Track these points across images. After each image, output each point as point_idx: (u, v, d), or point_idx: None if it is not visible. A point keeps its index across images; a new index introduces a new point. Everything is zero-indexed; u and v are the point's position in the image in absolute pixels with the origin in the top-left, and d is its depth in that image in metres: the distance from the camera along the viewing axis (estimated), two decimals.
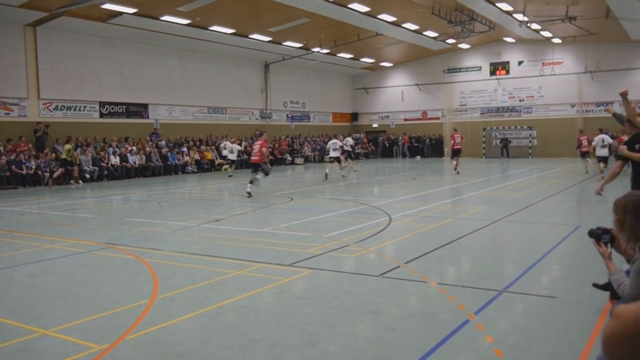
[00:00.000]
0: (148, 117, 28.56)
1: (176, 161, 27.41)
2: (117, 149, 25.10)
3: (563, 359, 4.34)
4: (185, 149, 28.32)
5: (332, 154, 23.06)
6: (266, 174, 16.75)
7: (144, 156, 25.96)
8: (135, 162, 25.40)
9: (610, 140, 21.72)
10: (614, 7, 24.94)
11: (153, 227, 11.12)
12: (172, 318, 5.45)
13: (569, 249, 8.55)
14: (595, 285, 5.84)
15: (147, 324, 5.28)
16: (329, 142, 24.03)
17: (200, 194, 18.29)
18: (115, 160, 24.74)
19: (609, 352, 1.03)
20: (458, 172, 23.44)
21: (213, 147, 29.90)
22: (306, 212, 12.69)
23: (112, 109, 26.84)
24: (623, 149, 6.76)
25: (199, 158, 28.73)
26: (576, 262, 7.55)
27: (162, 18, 24.71)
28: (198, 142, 29.67)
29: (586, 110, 35.40)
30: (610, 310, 4.03)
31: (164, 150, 27.06)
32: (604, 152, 21.15)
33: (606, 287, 5.60)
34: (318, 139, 38.12)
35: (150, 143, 27.19)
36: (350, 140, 26.75)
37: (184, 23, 25.67)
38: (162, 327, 5.21)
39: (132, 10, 23.17)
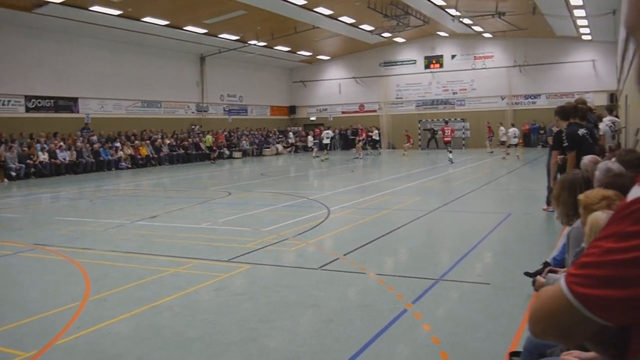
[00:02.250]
0: (78, 112, 27.51)
1: (109, 157, 26.56)
2: (45, 145, 24.06)
3: (497, 343, 4.47)
4: (118, 144, 27.48)
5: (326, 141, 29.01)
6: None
7: (74, 152, 25.00)
8: (65, 159, 24.44)
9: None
10: (540, 3, 25.91)
11: (84, 226, 10.73)
12: (105, 320, 5.27)
13: (501, 236, 8.84)
14: (526, 273, 6.04)
15: (78, 328, 5.08)
16: (324, 132, 30.12)
17: (135, 191, 17.81)
18: (43, 156, 23.71)
19: (532, 329, 1.12)
20: (452, 162, 24.73)
21: (148, 142, 29.16)
22: (244, 207, 12.58)
23: (40, 103, 25.69)
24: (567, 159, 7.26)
25: (133, 153, 27.95)
26: (507, 249, 7.81)
27: (91, 8, 23.80)
28: (132, 137, 28.86)
29: (515, 103, 36.71)
30: None
31: (95, 146, 26.16)
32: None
33: (536, 274, 5.80)
34: (256, 133, 37.86)
35: (81, 138, 26.21)
36: (329, 133, 30.50)
37: (115, 14, 24.83)
38: (95, 329, 5.02)
39: (59, 0, 22.21)
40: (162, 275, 6.81)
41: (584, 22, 27.99)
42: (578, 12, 25.88)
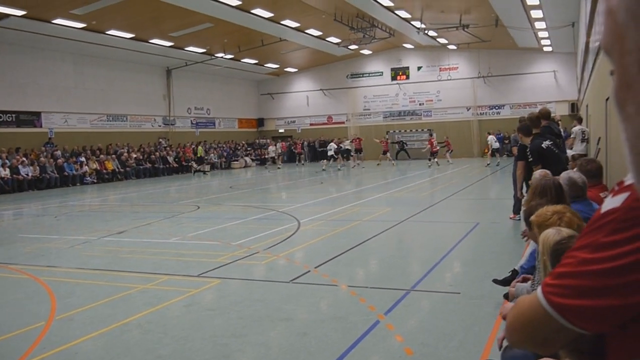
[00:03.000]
0: (41, 126, 26.96)
1: (74, 172, 26.05)
2: (7, 161, 23.47)
3: (470, 351, 4.51)
4: (83, 159, 26.99)
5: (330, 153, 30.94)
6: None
7: (37, 167, 24.45)
8: (28, 174, 23.87)
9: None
10: (502, 16, 26.52)
11: (49, 242, 10.48)
12: (72, 339, 5.13)
13: (470, 245, 8.94)
14: (494, 280, 6.13)
15: (44, 348, 4.94)
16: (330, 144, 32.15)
17: (101, 206, 17.49)
18: (5, 172, 23.12)
19: (510, 338, 1.14)
20: (438, 164, 27.41)
21: (114, 156, 28.71)
22: (214, 220, 12.47)
23: (1, 117, 25.10)
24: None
25: (98, 168, 27.48)
26: (477, 258, 7.90)
27: (54, 21, 23.42)
28: (97, 151, 28.38)
29: (480, 113, 37.36)
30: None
31: (59, 161, 25.63)
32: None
33: (504, 282, 5.89)
34: (224, 146, 37.65)
35: (44, 153, 25.67)
36: (333, 145, 31.82)
37: (79, 27, 24.49)
38: (62, 349, 4.89)
39: (20, 13, 21.80)
40: (131, 292, 6.69)
41: (545, 34, 28.76)
42: (539, 25, 26.59)
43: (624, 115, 0.56)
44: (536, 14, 24.34)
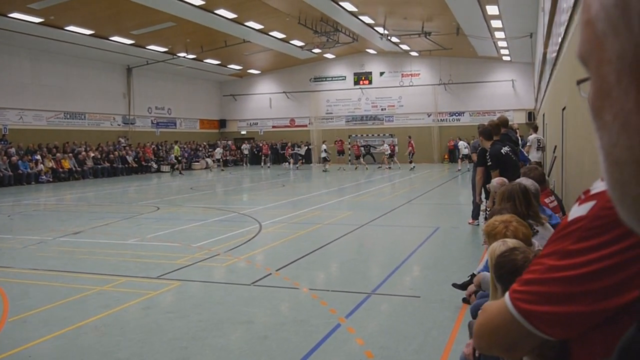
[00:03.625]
0: None
1: (28, 170, 25.31)
2: None
3: (429, 355, 4.56)
4: (38, 157, 26.25)
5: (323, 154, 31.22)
6: None
7: None
8: None
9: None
10: (463, 25, 27.02)
11: (2, 243, 10.15)
12: (25, 342, 4.98)
13: (429, 250, 9.06)
14: (454, 285, 6.22)
15: None
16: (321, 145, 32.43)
17: (57, 205, 17.05)
18: None
19: (477, 344, 1.16)
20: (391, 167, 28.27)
21: (71, 154, 28.02)
22: (174, 222, 12.31)
23: None
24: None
25: (54, 166, 26.77)
26: (437, 262, 8.01)
27: (10, 15, 22.74)
28: (54, 150, 27.65)
29: (441, 120, 37.93)
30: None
31: (14, 159, 24.86)
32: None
33: (463, 286, 5.99)
34: (185, 146, 37.18)
35: None
36: (324, 147, 32.01)
37: (36, 21, 23.83)
38: (14, 353, 4.74)
39: None
40: (88, 294, 6.54)
41: (504, 43, 29.44)
42: (498, 34, 27.21)
43: (600, 124, 0.57)
44: (496, 24, 24.89)
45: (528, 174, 5.43)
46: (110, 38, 27.93)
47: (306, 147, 36.93)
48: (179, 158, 32.74)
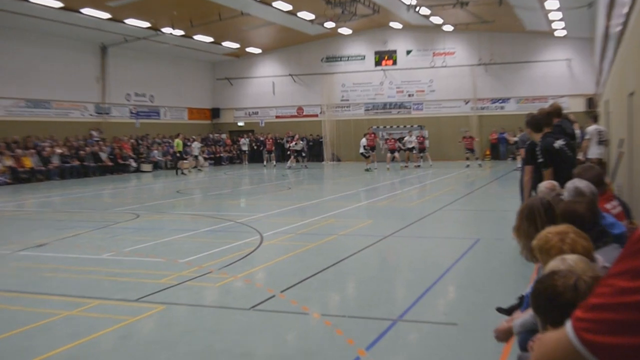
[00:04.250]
0: None
1: None
2: None
3: None
4: None
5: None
6: None
7: None
8: None
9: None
10: None
11: None
12: None
13: (468, 266, 9.00)
14: (499, 309, 6.15)
15: None
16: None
17: (17, 212, 17.16)
18: None
19: None
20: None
21: (33, 151, 28.23)
22: (157, 232, 12.33)
23: None
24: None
25: (14, 165, 26.98)
26: (477, 282, 7.95)
27: None
28: (13, 145, 27.87)
29: (481, 107, 37.83)
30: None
31: None
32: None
33: (510, 310, 5.92)
34: (170, 141, 37.35)
35: None
36: (364, 141, 31.87)
37: None
38: None
39: None
40: (54, 320, 6.56)
41: (557, 15, 29.20)
42: (550, 4, 26.99)
43: None
44: None
45: (583, 174, 5.33)
46: (82, 11, 28.08)
47: (303, 142, 36.74)
48: (184, 154, 32.56)
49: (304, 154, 36.16)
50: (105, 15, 29.15)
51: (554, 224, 3.91)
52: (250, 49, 40.75)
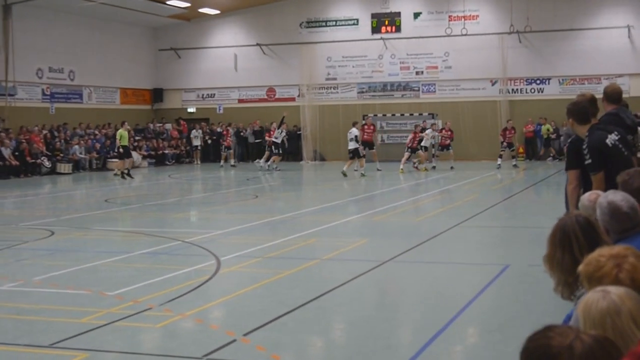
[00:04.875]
0: None
1: None
2: None
3: None
4: None
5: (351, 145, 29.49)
6: None
7: None
8: None
9: None
10: None
11: None
12: None
13: (493, 302, 9.03)
14: None
15: None
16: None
17: None
18: None
19: None
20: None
21: None
22: (79, 255, 12.28)
23: None
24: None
25: None
26: (504, 323, 7.98)
27: None
28: None
29: (513, 90, 37.90)
30: None
31: None
32: None
33: None
34: (97, 133, 37.15)
35: None
36: (355, 132, 30.64)
37: None
38: None
39: None
40: None
41: None
42: None
43: None
44: None
45: (629, 182, 5.22)
46: None
47: (283, 132, 36.04)
48: (128, 148, 31.38)
49: (280, 150, 35.05)
50: None
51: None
52: (204, 10, 40.62)
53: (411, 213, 18.03)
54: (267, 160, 33.45)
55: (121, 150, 30.60)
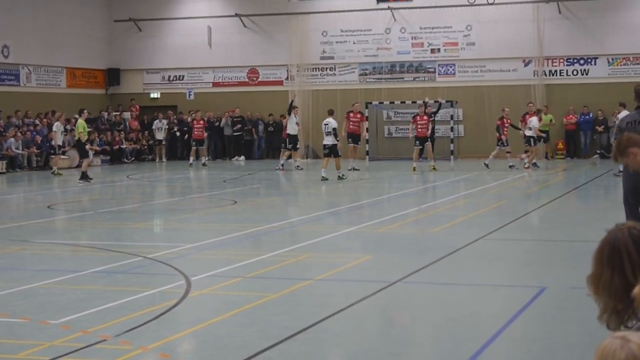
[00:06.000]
0: None
1: None
2: None
3: None
4: None
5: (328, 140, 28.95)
6: None
7: None
8: None
9: None
10: None
11: None
12: None
13: (527, 333, 9.04)
14: None
15: None
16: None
17: None
18: None
19: None
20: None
21: None
22: (13, 274, 12.29)
23: None
24: None
25: None
26: (542, 357, 7.99)
27: None
28: None
29: (551, 72, 37.96)
30: None
31: None
32: None
33: None
34: (37, 123, 37.09)
35: None
36: (331, 122, 29.71)
37: None
38: None
39: None
40: None
41: None
42: None
43: None
44: None
45: None
46: None
47: (295, 119, 35.75)
48: (87, 141, 30.90)
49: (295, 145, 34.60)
50: None
51: None
52: None
53: (425, 223, 18.04)
54: (289, 158, 33.17)
55: (88, 146, 30.46)
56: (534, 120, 30.20)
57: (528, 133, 30.40)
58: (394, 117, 38.41)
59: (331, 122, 29.25)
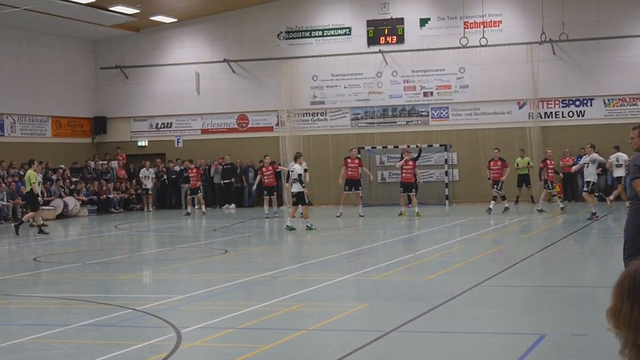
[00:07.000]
0: None
1: None
2: None
3: None
4: None
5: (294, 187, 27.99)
6: None
7: None
8: None
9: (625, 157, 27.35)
10: None
11: None
12: None
13: None
14: None
15: None
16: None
17: None
18: None
19: None
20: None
21: None
22: None
23: None
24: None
25: None
26: None
27: None
28: None
29: (546, 114, 38.04)
30: None
31: None
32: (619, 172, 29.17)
33: None
34: (22, 174, 37.06)
35: None
36: (297, 167, 28.81)
37: None
38: None
39: None
40: None
41: None
42: None
43: None
44: None
45: None
46: None
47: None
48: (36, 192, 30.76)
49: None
50: None
51: None
52: (157, 17, 40.78)
53: (420, 270, 18.02)
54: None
55: (40, 197, 30.36)
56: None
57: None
58: (387, 162, 38.43)
59: (297, 168, 28.38)
